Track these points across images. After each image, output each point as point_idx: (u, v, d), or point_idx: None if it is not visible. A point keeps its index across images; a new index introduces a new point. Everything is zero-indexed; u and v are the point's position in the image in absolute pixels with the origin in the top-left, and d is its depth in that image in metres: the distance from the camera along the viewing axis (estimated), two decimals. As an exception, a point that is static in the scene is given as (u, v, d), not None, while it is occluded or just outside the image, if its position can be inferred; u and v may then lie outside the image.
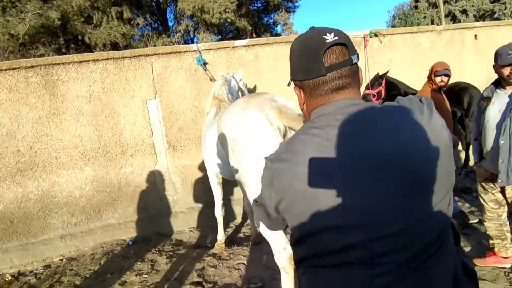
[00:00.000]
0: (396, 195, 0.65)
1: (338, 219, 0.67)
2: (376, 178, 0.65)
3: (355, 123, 0.70)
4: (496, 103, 2.13)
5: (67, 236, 3.57)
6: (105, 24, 8.60)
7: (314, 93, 0.76)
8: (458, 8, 16.35)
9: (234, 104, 1.87)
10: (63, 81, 3.48)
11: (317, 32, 0.75)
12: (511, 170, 2.01)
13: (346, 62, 0.73)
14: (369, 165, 0.66)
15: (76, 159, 3.57)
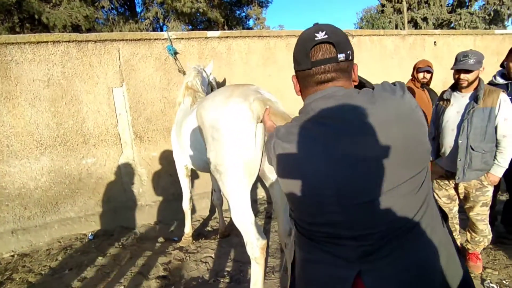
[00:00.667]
0: (364, 173, 0.74)
1: (318, 195, 0.79)
2: (348, 158, 0.74)
3: (331, 110, 0.79)
4: (454, 105, 2.28)
5: (19, 231, 3.31)
6: (65, 4, 7.98)
7: (303, 83, 0.87)
8: (420, 15, 17.36)
9: (217, 92, 1.84)
10: (18, 63, 3.20)
11: (313, 29, 0.82)
12: (467, 168, 2.17)
13: (331, 59, 0.80)
14: (340, 147, 0.75)
15: (31, 148, 3.31)
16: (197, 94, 2.73)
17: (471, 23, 16.56)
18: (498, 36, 5.84)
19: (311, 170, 0.79)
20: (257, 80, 4.14)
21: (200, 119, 1.80)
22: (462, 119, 2.20)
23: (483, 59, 2.15)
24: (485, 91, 2.13)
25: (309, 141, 0.80)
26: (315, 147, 0.78)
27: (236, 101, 1.69)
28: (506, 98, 2.11)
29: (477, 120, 2.13)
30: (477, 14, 16.73)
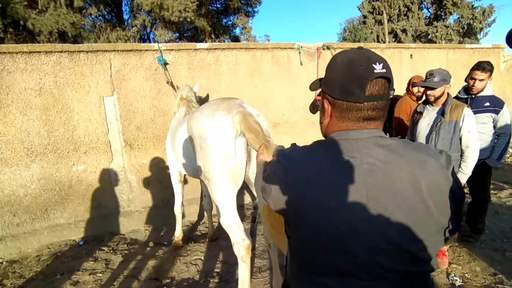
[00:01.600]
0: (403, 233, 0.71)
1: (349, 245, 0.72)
2: (387, 212, 0.71)
3: (379, 158, 0.74)
4: (426, 118, 2.54)
5: (7, 238, 3.34)
6: (52, 10, 7.96)
7: (344, 115, 0.79)
8: (399, 27, 18.15)
9: (206, 105, 2.01)
10: (9, 72, 3.26)
11: (366, 57, 0.76)
12: None
13: (384, 96, 0.76)
14: (383, 199, 0.71)
15: (21, 155, 3.36)
16: (191, 104, 2.89)
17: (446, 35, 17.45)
18: (468, 50, 6.28)
19: (343, 208, 0.72)
20: (243, 90, 4.34)
21: (190, 130, 1.96)
22: (431, 130, 2.46)
23: (449, 77, 2.42)
24: (452, 106, 2.40)
25: (345, 180, 0.73)
26: (353, 188, 0.72)
27: (221, 114, 1.87)
28: (470, 113, 2.38)
29: (443, 132, 2.39)
30: (452, 27, 17.66)
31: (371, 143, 0.76)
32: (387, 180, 0.72)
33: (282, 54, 4.61)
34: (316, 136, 4.98)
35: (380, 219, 0.70)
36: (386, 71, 0.75)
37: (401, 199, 0.71)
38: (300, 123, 4.83)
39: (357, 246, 0.71)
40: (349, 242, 0.71)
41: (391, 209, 0.71)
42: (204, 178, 1.93)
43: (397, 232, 0.70)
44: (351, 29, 20.17)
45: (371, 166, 0.73)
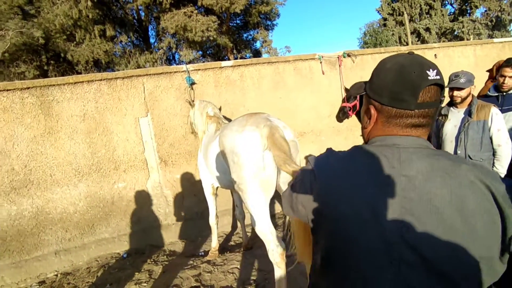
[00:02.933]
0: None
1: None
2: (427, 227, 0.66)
3: (421, 170, 0.69)
4: (452, 120, 2.53)
5: (61, 252, 3.65)
6: (87, 41, 8.70)
7: (392, 121, 0.76)
8: (422, 26, 17.71)
9: (235, 122, 2.18)
10: (58, 101, 3.64)
11: (418, 63, 0.73)
12: None
13: (436, 103, 0.74)
14: (421, 213, 0.66)
15: (70, 176, 3.69)
16: (220, 121, 3.08)
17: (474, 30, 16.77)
18: (497, 44, 6.06)
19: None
20: (268, 103, 4.49)
21: (222, 145, 2.12)
22: (459, 132, 2.45)
23: (474, 78, 2.42)
24: (478, 106, 2.39)
25: (380, 192, 0.69)
26: (387, 201, 0.69)
27: (249, 129, 2.01)
28: (498, 112, 2.36)
29: (472, 132, 2.37)
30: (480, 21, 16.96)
31: (415, 153, 0.71)
32: (425, 195, 0.67)
33: (304, 65, 4.73)
34: (341, 143, 5.01)
35: (412, 233, 0.66)
36: (439, 77, 0.72)
37: (438, 217, 0.65)
38: (325, 131, 4.88)
39: (384, 260, 0.67)
40: (377, 256, 0.67)
41: (425, 225, 0.66)
42: (238, 190, 2.06)
43: (429, 247, 0.65)
44: (371, 33, 19.96)
45: (410, 179, 0.69)
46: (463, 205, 0.65)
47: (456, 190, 0.66)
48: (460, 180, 0.67)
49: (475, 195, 0.66)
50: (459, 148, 2.42)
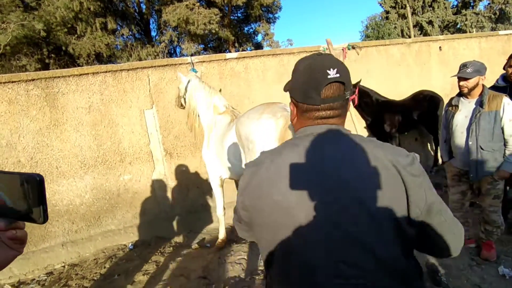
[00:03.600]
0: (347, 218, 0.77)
1: (318, 234, 0.77)
2: (331, 199, 0.77)
3: (335, 150, 0.82)
4: (462, 110, 2.51)
5: (68, 243, 3.67)
6: (88, 34, 8.65)
7: (305, 115, 0.88)
8: (425, 19, 17.56)
9: (252, 110, 2.18)
10: (63, 93, 3.62)
11: (321, 65, 0.84)
12: (480, 165, 2.40)
13: (339, 98, 0.85)
14: (327, 187, 0.78)
15: (76, 168, 3.70)
16: (235, 112, 3.06)
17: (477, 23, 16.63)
18: (503, 36, 6.02)
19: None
20: (273, 95, 4.47)
21: (238, 133, 2.12)
22: (470, 122, 2.43)
23: (484, 69, 2.39)
24: (489, 96, 2.37)
25: (306, 176, 0.81)
26: (313, 184, 0.80)
27: (266, 117, 2.01)
28: (510, 101, 2.34)
29: (484, 123, 2.35)
30: (483, 14, 16.81)
31: (327, 137, 0.84)
32: (337, 172, 0.78)
33: (308, 57, 4.70)
34: (346, 135, 4.99)
35: (336, 212, 0.76)
36: (340, 75, 0.83)
37: (350, 191, 0.77)
38: (330, 123, 4.87)
39: (315, 238, 0.77)
40: (309, 239, 0.77)
41: (348, 203, 0.76)
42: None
43: (353, 222, 0.76)
44: (373, 26, 19.80)
45: (325, 160, 0.80)
46: (370, 179, 0.77)
47: (362, 166, 0.78)
48: (367, 156, 0.79)
49: (382, 170, 0.78)
50: (470, 138, 2.41)
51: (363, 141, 0.84)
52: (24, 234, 0.58)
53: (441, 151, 2.81)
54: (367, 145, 0.82)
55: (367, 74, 4.99)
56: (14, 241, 0.57)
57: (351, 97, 4.71)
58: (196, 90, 3.29)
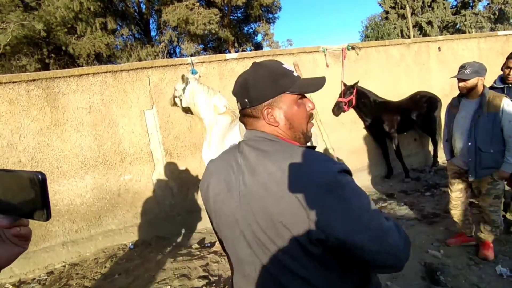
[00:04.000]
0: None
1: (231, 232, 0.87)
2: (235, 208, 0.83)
3: (250, 159, 0.84)
4: (462, 111, 2.53)
5: (68, 243, 3.68)
6: (88, 34, 8.65)
7: (241, 119, 0.98)
8: (424, 19, 17.59)
9: None
10: (64, 94, 3.64)
11: (241, 78, 0.98)
12: (478, 167, 2.42)
13: (241, 105, 0.91)
14: (249, 199, 0.81)
15: (76, 168, 3.71)
16: (234, 113, 3.07)
17: (476, 23, 16.66)
18: (501, 37, 6.05)
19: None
20: (273, 95, 4.49)
21: (242, 133, 2.13)
22: (470, 123, 2.44)
23: (484, 70, 2.40)
24: (489, 97, 2.38)
25: (228, 178, 0.88)
26: (232, 187, 0.86)
27: None
28: (510, 103, 2.35)
29: (483, 124, 2.36)
30: (482, 14, 16.84)
31: (250, 145, 0.86)
32: (252, 183, 0.80)
33: (308, 58, 4.72)
34: (345, 136, 5.02)
35: (248, 218, 0.80)
36: (234, 90, 0.94)
37: (260, 202, 0.78)
38: (329, 123, 4.89)
39: (237, 234, 0.84)
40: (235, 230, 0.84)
41: (255, 210, 0.79)
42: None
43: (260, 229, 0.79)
44: (373, 26, 19.83)
45: (244, 167, 0.83)
46: (271, 190, 0.76)
47: (265, 180, 0.78)
48: (269, 170, 0.78)
49: (285, 186, 0.75)
50: (469, 139, 2.42)
51: (267, 152, 0.83)
52: (28, 231, 0.59)
53: (444, 150, 2.82)
54: (273, 157, 0.80)
55: (367, 74, 5.01)
56: (19, 238, 0.58)
57: (348, 98, 4.74)
58: (196, 92, 3.31)
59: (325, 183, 0.72)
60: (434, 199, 3.93)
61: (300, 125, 0.89)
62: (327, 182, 0.72)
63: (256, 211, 0.78)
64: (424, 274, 2.35)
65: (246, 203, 0.80)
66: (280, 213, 0.74)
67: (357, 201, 0.73)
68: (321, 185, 0.72)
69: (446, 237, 2.86)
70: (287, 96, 0.86)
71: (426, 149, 5.59)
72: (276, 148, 0.82)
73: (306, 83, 0.90)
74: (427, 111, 4.78)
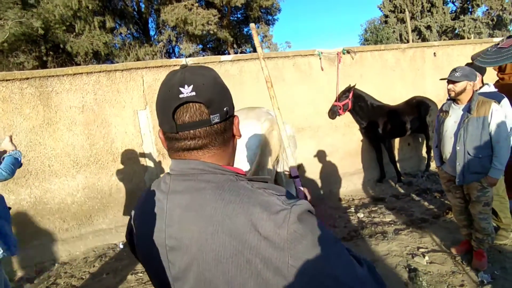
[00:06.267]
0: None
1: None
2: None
3: (181, 203, 0.65)
4: (452, 116, 2.54)
5: (58, 241, 3.69)
6: (87, 33, 8.66)
7: (169, 145, 0.69)
8: (423, 24, 17.66)
9: (236, 114, 2.21)
10: (57, 92, 3.65)
11: (177, 79, 0.64)
12: (466, 171, 2.42)
13: (201, 122, 0.64)
14: (176, 252, 0.64)
15: (68, 167, 3.72)
16: None
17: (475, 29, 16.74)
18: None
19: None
20: (267, 98, 4.49)
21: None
22: (458, 127, 2.46)
23: (474, 75, 2.41)
24: (479, 102, 2.39)
25: (152, 225, 0.69)
26: (156, 235, 0.68)
27: (250, 122, 2.04)
28: (498, 108, 2.35)
29: (472, 128, 2.37)
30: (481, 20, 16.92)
31: (180, 181, 0.66)
32: (181, 231, 0.63)
33: (303, 61, 4.74)
34: (339, 139, 5.04)
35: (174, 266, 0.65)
36: (195, 94, 0.62)
37: (189, 254, 0.61)
38: (323, 127, 4.91)
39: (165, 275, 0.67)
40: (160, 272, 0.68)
41: (183, 266, 0.63)
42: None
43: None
44: (372, 30, 19.89)
45: (172, 210, 0.65)
46: (209, 247, 0.59)
47: (204, 232, 0.59)
48: (214, 221, 0.59)
49: (228, 240, 0.57)
50: (458, 144, 2.43)
51: (218, 189, 0.63)
52: None
53: (434, 156, 2.82)
54: (218, 198, 0.61)
55: (362, 78, 5.03)
56: None
57: (344, 102, 4.76)
58: None
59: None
60: (424, 204, 3.95)
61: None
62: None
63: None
64: (408, 280, 2.37)
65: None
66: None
67: (322, 254, 0.56)
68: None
69: (432, 243, 2.87)
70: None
71: (419, 154, 5.61)
72: (211, 194, 0.65)
73: None
74: (422, 116, 4.81)
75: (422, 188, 4.52)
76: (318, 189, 4.81)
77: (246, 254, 0.56)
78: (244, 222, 0.57)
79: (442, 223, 3.26)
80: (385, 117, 4.79)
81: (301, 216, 0.57)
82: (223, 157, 0.69)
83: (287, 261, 0.54)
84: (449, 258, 2.59)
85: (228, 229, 0.58)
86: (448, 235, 2.97)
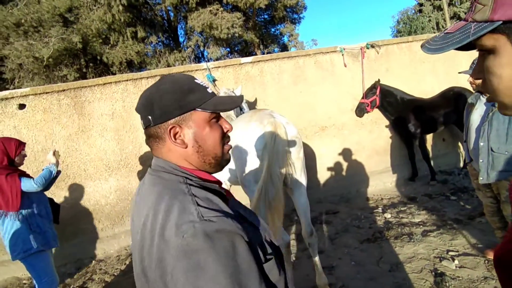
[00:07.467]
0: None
1: None
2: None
3: (139, 192, 0.79)
4: (478, 109, 2.36)
5: (95, 240, 3.97)
6: (121, 43, 9.22)
7: None
8: (463, 9, 16.40)
9: (241, 118, 2.24)
10: (90, 102, 3.93)
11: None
12: (490, 168, 2.24)
13: (144, 125, 0.80)
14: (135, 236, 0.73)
15: (101, 171, 3.99)
16: (229, 118, 3.15)
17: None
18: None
19: None
20: (289, 97, 4.49)
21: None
22: (482, 121, 2.28)
23: None
24: None
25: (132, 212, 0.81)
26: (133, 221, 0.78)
27: (254, 126, 2.05)
28: None
29: (497, 123, 2.19)
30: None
31: (149, 174, 0.79)
32: (133, 221, 0.75)
33: (325, 58, 4.65)
34: (364, 137, 4.87)
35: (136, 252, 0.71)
36: (138, 108, 0.81)
37: (136, 241, 0.70)
38: (348, 125, 4.78)
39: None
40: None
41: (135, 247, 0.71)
42: (242, 185, 2.13)
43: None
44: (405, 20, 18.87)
45: (136, 201, 0.78)
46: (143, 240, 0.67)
47: (138, 225, 0.70)
48: (144, 214, 0.69)
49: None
50: (481, 139, 2.25)
51: (153, 185, 0.73)
52: None
53: (464, 152, 2.64)
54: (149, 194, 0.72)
55: (387, 73, 4.82)
56: None
57: (371, 99, 4.58)
58: None
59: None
60: (459, 204, 3.68)
61: (213, 148, 0.78)
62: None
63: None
64: (433, 285, 2.23)
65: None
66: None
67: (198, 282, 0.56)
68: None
69: (464, 245, 2.68)
70: (198, 114, 0.76)
71: (456, 150, 5.25)
72: (157, 189, 0.71)
73: (221, 100, 0.79)
74: (461, 108, 4.47)
75: (458, 186, 4.22)
76: (344, 189, 4.68)
77: (154, 250, 0.62)
78: (160, 222, 0.64)
79: (477, 224, 3.02)
80: (417, 111, 4.53)
81: (209, 233, 0.58)
82: (177, 158, 0.77)
83: (170, 271, 0.58)
84: (482, 263, 2.40)
85: (150, 224, 0.65)
86: (483, 237, 2.74)
